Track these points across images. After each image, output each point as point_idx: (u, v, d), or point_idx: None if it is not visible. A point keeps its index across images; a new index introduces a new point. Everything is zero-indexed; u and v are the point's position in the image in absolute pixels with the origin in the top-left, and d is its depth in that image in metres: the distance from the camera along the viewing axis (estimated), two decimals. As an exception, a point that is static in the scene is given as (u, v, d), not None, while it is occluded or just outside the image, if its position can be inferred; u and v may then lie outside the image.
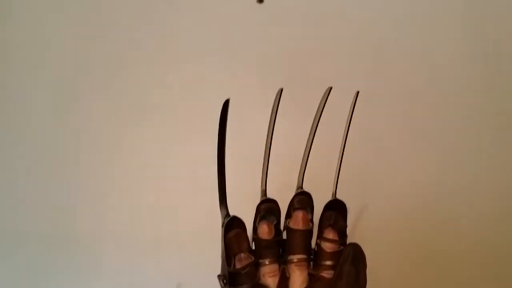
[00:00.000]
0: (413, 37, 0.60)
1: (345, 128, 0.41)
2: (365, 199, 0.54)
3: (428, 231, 0.53)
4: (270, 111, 0.38)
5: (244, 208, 0.40)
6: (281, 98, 0.38)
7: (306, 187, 0.41)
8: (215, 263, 0.40)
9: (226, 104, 0.35)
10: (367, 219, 0.53)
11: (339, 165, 0.42)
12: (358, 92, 0.40)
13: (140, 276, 0.52)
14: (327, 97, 0.38)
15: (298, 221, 0.40)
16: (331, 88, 0.38)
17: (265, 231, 0.40)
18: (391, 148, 0.57)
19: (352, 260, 0.38)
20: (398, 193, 0.55)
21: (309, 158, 0.40)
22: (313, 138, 0.40)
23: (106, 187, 0.56)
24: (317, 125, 0.39)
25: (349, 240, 0.41)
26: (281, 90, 0.38)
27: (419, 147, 0.57)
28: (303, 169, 0.40)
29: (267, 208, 0.40)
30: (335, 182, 0.42)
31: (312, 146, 0.40)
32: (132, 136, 0.57)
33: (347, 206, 0.43)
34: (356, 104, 0.40)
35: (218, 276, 0.39)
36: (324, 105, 0.38)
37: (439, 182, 0.57)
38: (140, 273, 0.52)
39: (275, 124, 0.38)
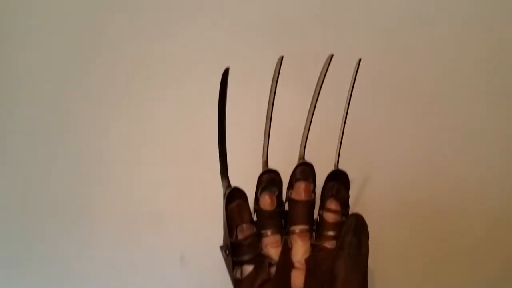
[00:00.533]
0: (420, 2, 0.59)
1: (347, 97, 0.41)
2: (368, 170, 0.54)
3: (432, 202, 0.53)
4: (271, 79, 0.38)
5: (245, 179, 0.40)
6: (281, 67, 0.37)
7: (308, 158, 0.41)
8: (217, 235, 0.40)
9: (225, 73, 0.35)
10: (370, 190, 0.53)
11: (341, 136, 0.41)
12: (360, 60, 0.39)
13: (143, 248, 0.52)
14: (329, 65, 0.37)
15: (300, 192, 0.40)
16: (332, 56, 0.37)
17: (267, 202, 0.40)
18: (395, 118, 0.56)
19: (355, 230, 0.38)
20: (402, 164, 0.54)
21: (311, 129, 0.40)
22: (314, 108, 0.39)
23: (108, 159, 0.56)
24: (318, 94, 0.39)
25: (351, 211, 0.41)
26: (282, 58, 0.37)
27: (422, 117, 0.56)
28: (305, 140, 0.40)
29: (268, 179, 0.40)
30: (337, 153, 0.41)
31: (313, 116, 0.40)
32: (133, 109, 0.57)
33: (350, 177, 0.43)
34: (358, 72, 0.39)
35: (221, 247, 0.40)
36: (325, 74, 0.38)
37: (443, 152, 0.56)
38: (143, 245, 0.52)
39: (276, 93, 0.38)
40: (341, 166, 0.42)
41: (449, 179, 0.54)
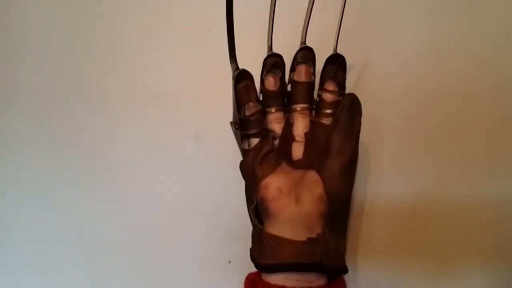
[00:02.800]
0: None
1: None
2: (369, 54, 0.55)
3: (430, 84, 0.55)
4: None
5: (252, 62, 0.43)
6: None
7: (310, 43, 0.43)
8: (228, 112, 0.44)
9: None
10: (369, 73, 0.55)
11: (340, 20, 0.43)
12: None
13: (160, 126, 0.57)
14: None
15: (301, 74, 0.43)
16: None
17: (271, 83, 0.43)
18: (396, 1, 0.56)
19: (349, 108, 0.41)
20: (403, 49, 0.55)
21: (313, 15, 0.41)
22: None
23: (124, 43, 0.59)
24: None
25: (351, 92, 0.43)
26: None
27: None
28: (306, 26, 0.42)
29: (273, 62, 0.43)
30: (336, 37, 0.43)
31: (315, 2, 0.41)
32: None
33: (351, 61, 0.46)
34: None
35: (231, 122, 0.44)
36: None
37: (445, 35, 0.56)
38: (161, 124, 0.57)
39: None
40: (342, 51, 0.44)
41: (450, 61, 0.55)
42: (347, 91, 0.46)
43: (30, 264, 0.57)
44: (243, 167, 0.44)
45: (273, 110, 0.44)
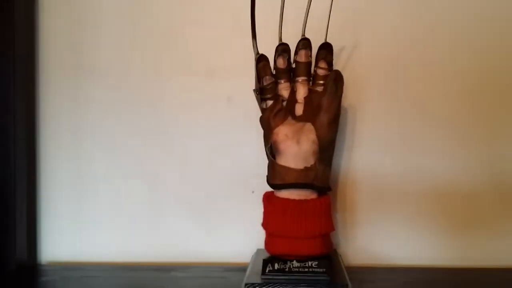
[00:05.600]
0: None
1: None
2: (356, 37, 0.67)
3: (407, 64, 0.68)
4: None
5: (268, 48, 0.58)
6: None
7: (307, 35, 0.58)
8: (252, 82, 0.59)
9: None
10: (358, 53, 0.67)
11: (328, 18, 0.59)
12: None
13: (197, 94, 0.71)
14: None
15: (302, 57, 0.59)
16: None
17: (281, 63, 0.59)
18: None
19: (334, 79, 0.57)
20: (389, 31, 0.67)
21: (314, 12, 0.56)
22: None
23: (174, 30, 0.71)
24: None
25: (343, 68, 0.60)
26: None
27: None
28: (305, 23, 0.57)
29: (282, 48, 0.58)
30: (326, 30, 0.59)
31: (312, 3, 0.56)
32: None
33: (342, 44, 0.63)
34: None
35: (253, 90, 0.59)
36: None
37: (433, 21, 0.68)
38: (197, 91, 0.71)
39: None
40: (335, 36, 0.60)
41: (440, 48, 0.67)
42: (338, 67, 0.63)
43: (107, 196, 0.74)
44: (262, 120, 0.59)
45: (282, 81, 0.59)
